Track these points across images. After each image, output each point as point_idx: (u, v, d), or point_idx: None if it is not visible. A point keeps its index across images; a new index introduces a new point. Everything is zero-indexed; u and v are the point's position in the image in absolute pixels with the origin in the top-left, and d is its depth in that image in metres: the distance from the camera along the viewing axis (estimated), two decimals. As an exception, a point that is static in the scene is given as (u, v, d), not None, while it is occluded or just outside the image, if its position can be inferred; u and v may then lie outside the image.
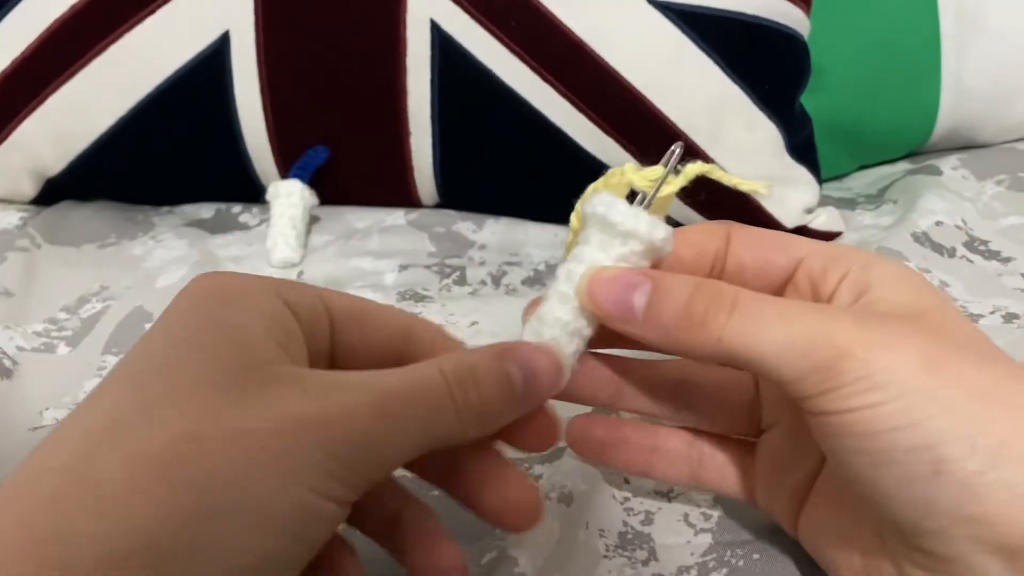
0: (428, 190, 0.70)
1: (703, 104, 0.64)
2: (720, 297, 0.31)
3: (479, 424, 0.31)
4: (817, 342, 0.29)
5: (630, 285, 0.32)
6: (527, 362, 0.32)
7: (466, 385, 0.30)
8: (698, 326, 0.31)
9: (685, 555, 0.38)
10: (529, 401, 0.32)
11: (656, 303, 0.32)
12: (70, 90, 0.67)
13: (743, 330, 0.30)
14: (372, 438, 0.28)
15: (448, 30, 0.63)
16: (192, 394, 0.26)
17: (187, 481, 0.25)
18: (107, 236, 0.68)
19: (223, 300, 0.30)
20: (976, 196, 0.71)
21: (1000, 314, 0.55)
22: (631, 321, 0.32)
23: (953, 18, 0.76)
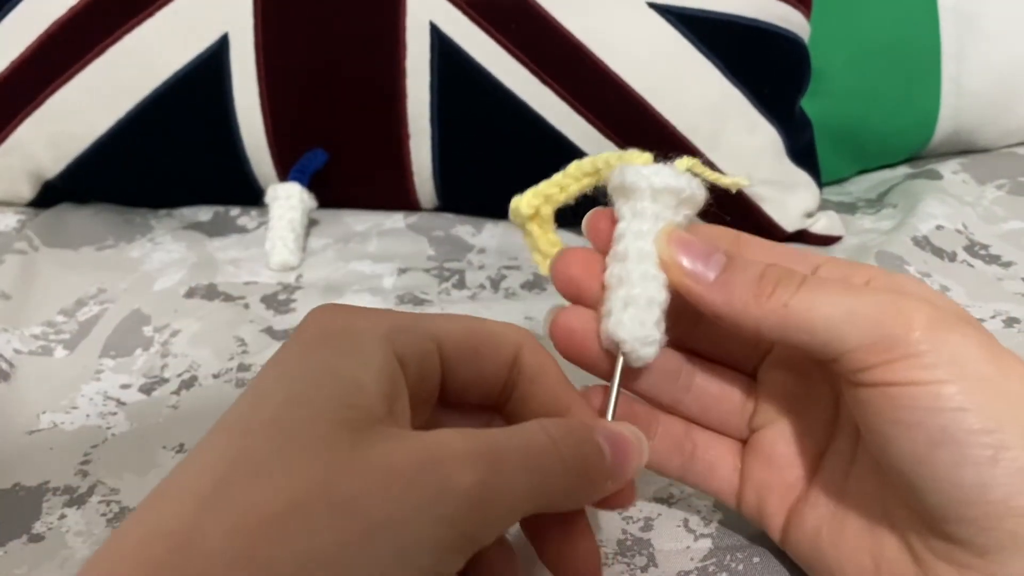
0: (427, 193, 0.70)
1: (703, 107, 0.64)
2: (791, 274, 0.32)
3: (574, 495, 0.30)
4: (887, 312, 0.29)
5: (707, 252, 0.33)
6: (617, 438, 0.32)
7: (568, 442, 0.30)
8: (767, 295, 0.31)
9: (684, 560, 0.38)
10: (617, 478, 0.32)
11: (731, 272, 0.32)
12: (68, 92, 0.66)
13: (812, 299, 0.31)
14: (483, 500, 0.26)
15: (448, 33, 0.63)
16: (302, 455, 0.25)
17: (291, 557, 0.24)
18: (105, 239, 0.68)
19: (336, 347, 0.29)
20: (976, 200, 0.71)
21: (1001, 318, 0.55)
22: (703, 282, 0.33)
23: (953, 23, 0.76)
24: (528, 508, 0.28)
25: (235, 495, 0.24)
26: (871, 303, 0.30)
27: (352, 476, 0.25)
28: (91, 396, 0.50)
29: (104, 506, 0.42)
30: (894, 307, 0.29)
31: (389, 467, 0.26)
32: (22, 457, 0.45)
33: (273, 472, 0.25)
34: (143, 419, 0.48)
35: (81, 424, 0.48)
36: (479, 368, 0.33)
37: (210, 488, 0.25)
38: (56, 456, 0.45)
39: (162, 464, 0.45)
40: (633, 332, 0.34)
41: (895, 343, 0.29)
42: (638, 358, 0.34)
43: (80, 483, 0.44)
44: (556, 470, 0.29)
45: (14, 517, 0.41)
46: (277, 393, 0.28)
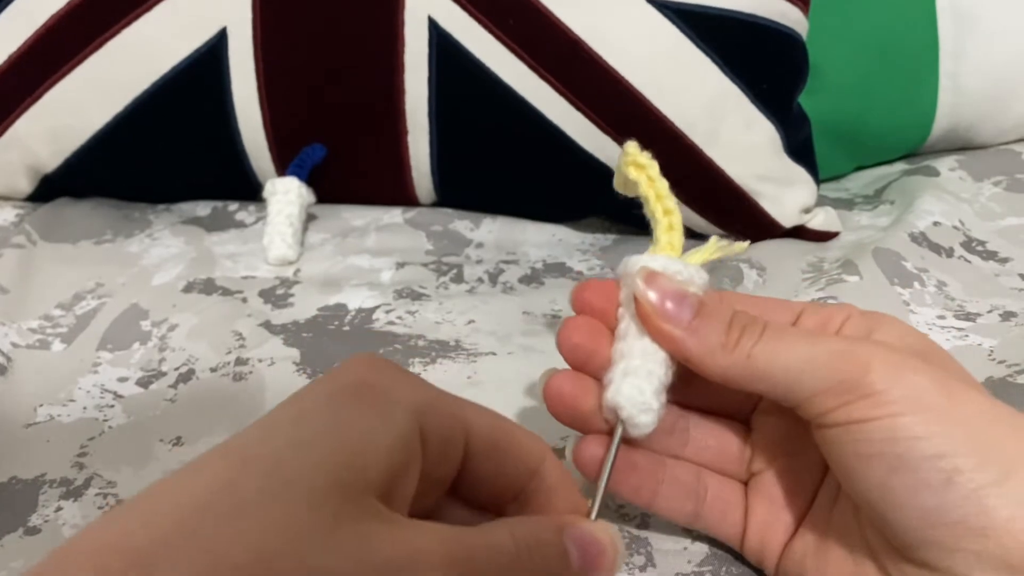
0: (425, 189, 0.70)
1: (701, 103, 0.64)
2: (755, 322, 0.33)
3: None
4: (843, 357, 0.31)
5: (681, 295, 0.34)
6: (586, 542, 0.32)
7: (532, 552, 0.30)
8: (732, 344, 0.33)
9: (682, 562, 0.38)
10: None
11: (701, 318, 0.34)
12: (66, 86, 0.66)
13: (773, 348, 0.33)
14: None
15: (446, 28, 0.63)
16: (284, 510, 0.25)
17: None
18: (103, 233, 0.68)
19: (362, 404, 0.28)
20: (973, 197, 0.71)
21: (998, 313, 0.55)
22: (678, 324, 0.34)
23: (951, 20, 0.76)
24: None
25: (208, 531, 0.24)
26: (828, 351, 0.32)
27: (325, 553, 0.25)
28: (88, 389, 0.50)
29: (101, 499, 0.42)
30: (850, 353, 0.31)
31: (363, 558, 0.25)
32: (19, 450, 0.46)
33: (251, 519, 0.24)
34: (140, 412, 0.48)
35: (78, 417, 0.48)
36: (498, 467, 0.32)
37: (188, 514, 0.24)
38: (53, 449, 0.46)
39: (159, 457, 0.45)
40: (631, 398, 0.34)
41: (852, 386, 0.31)
42: (635, 425, 0.35)
43: (77, 476, 0.44)
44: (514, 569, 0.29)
45: (11, 510, 0.42)
46: (286, 432, 0.27)
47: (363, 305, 0.58)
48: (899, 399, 0.30)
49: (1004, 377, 0.48)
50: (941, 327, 0.54)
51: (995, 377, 0.49)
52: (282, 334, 0.55)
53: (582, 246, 0.68)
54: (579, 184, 0.67)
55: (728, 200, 0.65)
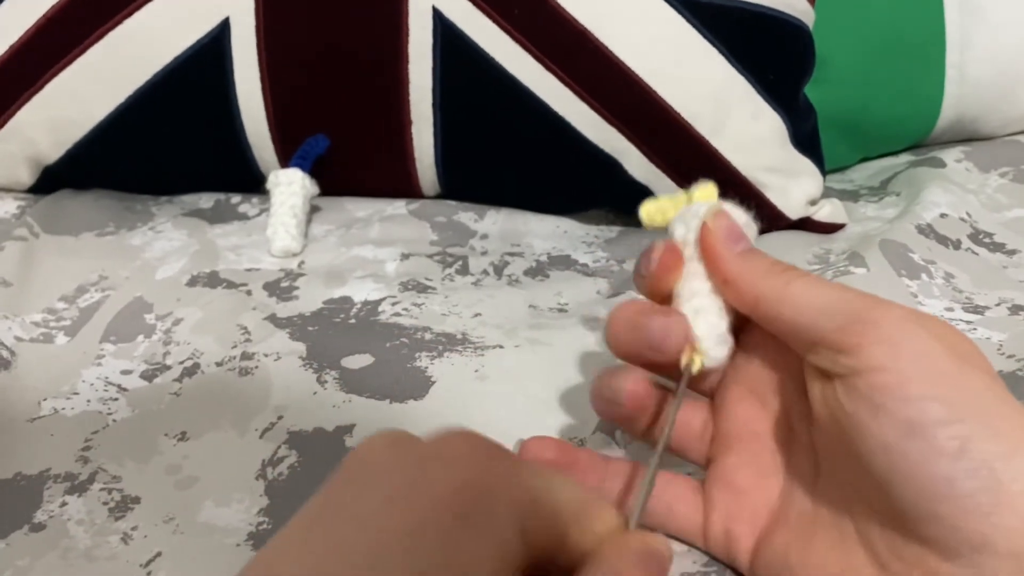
0: (429, 180, 0.70)
1: (707, 93, 0.63)
2: (798, 267, 0.36)
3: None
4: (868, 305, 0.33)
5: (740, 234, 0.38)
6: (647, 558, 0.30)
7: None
8: (778, 272, 0.36)
9: (687, 563, 0.38)
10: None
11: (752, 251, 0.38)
12: (68, 77, 0.66)
13: (811, 285, 0.35)
14: None
15: (451, 18, 0.63)
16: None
17: None
18: (106, 225, 0.67)
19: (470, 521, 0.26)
20: (980, 188, 0.71)
21: (1006, 306, 0.55)
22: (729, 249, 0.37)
23: (957, 10, 0.76)
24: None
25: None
26: (855, 298, 0.33)
27: None
28: (92, 382, 0.50)
29: (105, 494, 0.42)
30: (874, 302, 0.33)
31: None
32: (23, 445, 0.45)
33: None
34: (144, 406, 0.48)
35: (82, 410, 0.48)
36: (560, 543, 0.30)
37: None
38: (57, 443, 0.45)
39: (163, 451, 0.45)
40: (708, 332, 0.38)
41: (869, 328, 0.31)
42: (712, 358, 0.37)
43: (81, 470, 0.43)
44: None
45: (15, 506, 0.41)
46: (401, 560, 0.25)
47: (369, 297, 0.58)
48: (911, 354, 0.30)
49: (1014, 371, 0.48)
50: (949, 319, 0.54)
51: (1005, 371, 0.48)
52: (288, 327, 0.54)
53: (587, 238, 0.68)
54: (584, 175, 0.67)
55: (733, 191, 0.65)
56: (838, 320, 0.32)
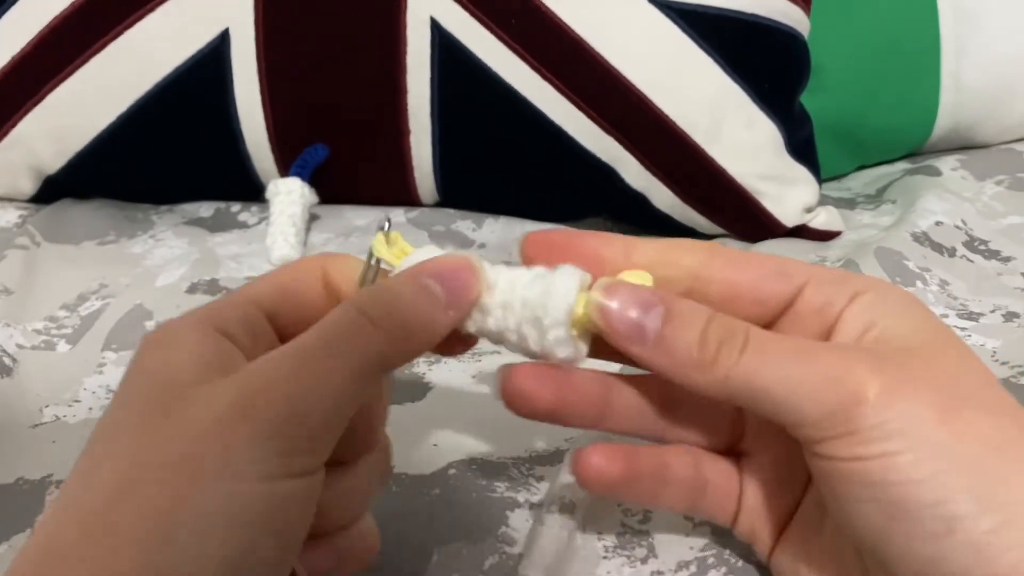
0: (428, 189, 0.70)
1: (703, 102, 0.64)
2: (733, 333, 0.30)
3: (412, 341, 0.30)
4: (830, 384, 0.28)
5: (646, 304, 0.30)
6: (437, 269, 0.32)
7: (384, 304, 0.30)
8: (709, 363, 0.30)
9: (684, 549, 0.38)
10: (456, 304, 0.32)
11: (670, 331, 0.30)
12: (69, 87, 0.66)
13: (755, 367, 0.29)
14: (302, 399, 0.27)
15: (448, 28, 0.63)
16: (120, 445, 0.27)
17: (127, 523, 0.25)
18: (106, 234, 0.68)
19: (151, 350, 0.30)
20: (975, 196, 0.72)
21: (1000, 313, 0.55)
22: (641, 344, 0.30)
23: (952, 19, 0.76)
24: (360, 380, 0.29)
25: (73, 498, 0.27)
26: (813, 373, 0.29)
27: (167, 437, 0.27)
28: (93, 390, 0.50)
29: (107, 499, 0.42)
30: (837, 379, 0.28)
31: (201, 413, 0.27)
32: (25, 451, 0.46)
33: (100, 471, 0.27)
34: (145, 413, 0.48)
35: (84, 418, 0.48)
36: (300, 305, 0.33)
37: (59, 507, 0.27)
38: (59, 450, 0.46)
39: (165, 458, 0.45)
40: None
41: (840, 420, 0.28)
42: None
43: (83, 477, 0.44)
44: (373, 337, 0.29)
45: (18, 511, 0.42)
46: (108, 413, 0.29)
47: (367, 305, 0.58)
48: (892, 434, 0.28)
49: (1008, 378, 0.49)
50: (944, 326, 0.54)
51: (999, 378, 0.48)
52: (286, 335, 0.55)
53: (584, 246, 0.68)
54: (581, 184, 0.67)
55: (730, 199, 0.65)
56: (803, 413, 0.29)
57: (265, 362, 0.28)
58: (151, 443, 0.27)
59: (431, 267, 0.32)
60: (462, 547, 0.38)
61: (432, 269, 0.32)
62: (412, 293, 0.31)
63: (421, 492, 0.41)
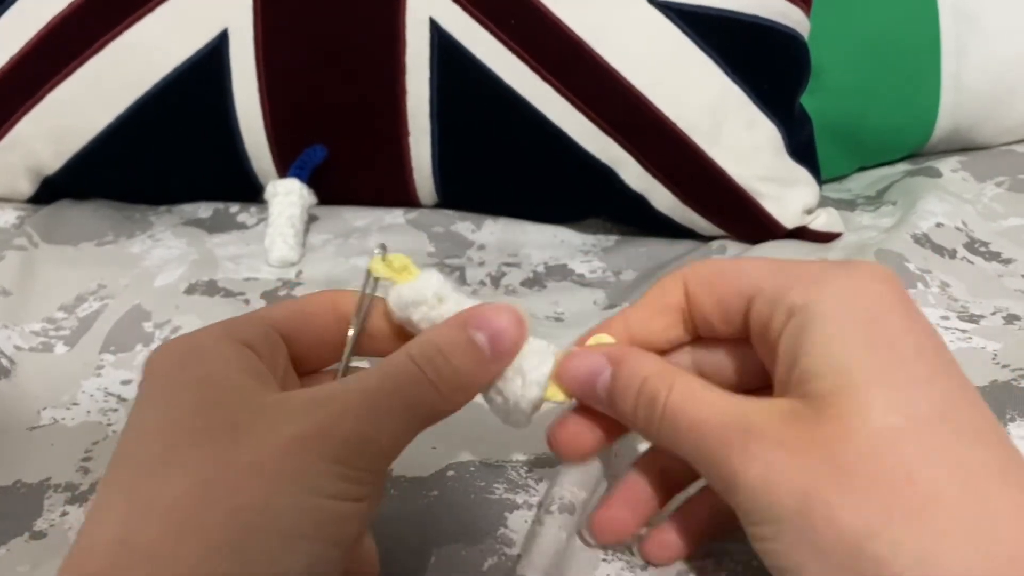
0: (427, 190, 0.70)
1: (703, 103, 0.64)
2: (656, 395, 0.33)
3: (461, 391, 0.33)
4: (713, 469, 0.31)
5: (594, 371, 0.35)
6: (488, 324, 0.33)
7: (436, 363, 0.32)
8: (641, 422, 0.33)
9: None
10: (501, 358, 0.34)
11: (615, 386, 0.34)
12: (68, 88, 0.66)
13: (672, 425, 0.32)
14: (366, 434, 0.29)
15: (448, 29, 0.63)
16: (190, 448, 0.28)
17: (220, 518, 0.26)
18: (105, 235, 0.67)
19: (187, 360, 0.31)
20: (976, 198, 0.71)
21: (1001, 315, 0.55)
22: (596, 402, 0.35)
23: (953, 20, 0.76)
24: (413, 422, 0.31)
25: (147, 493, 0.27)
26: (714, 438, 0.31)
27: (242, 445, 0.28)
28: (92, 392, 0.50)
29: (105, 502, 0.42)
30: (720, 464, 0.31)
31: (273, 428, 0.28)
32: (23, 453, 0.45)
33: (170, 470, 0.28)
34: (144, 415, 0.48)
35: (82, 420, 0.48)
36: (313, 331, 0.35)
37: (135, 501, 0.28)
38: (57, 452, 0.46)
39: (163, 460, 0.45)
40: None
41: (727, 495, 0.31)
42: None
43: (82, 480, 0.44)
44: (428, 391, 0.31)
45: (16, 514, 0.41)
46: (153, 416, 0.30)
47: (366, 307, 0.58)
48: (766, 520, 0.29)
49: (1008, 381, 0.48)
50: (945, 328, 0.54)
51: (999, 381, 0.49)
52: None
53: (584, 247, 0.68)
54: (580, 185, 0.67)
55: (730, 201, 0.65)
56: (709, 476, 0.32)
57: (332, 395, 0.30)
58: (229, 450, 0.28)
59: (481, 319, 0.33)
60: (461, 548, 0.38)
61: (482, 321, 0.33)
62: (463, 350, 0.32)
63: (420, 494, 0.41)
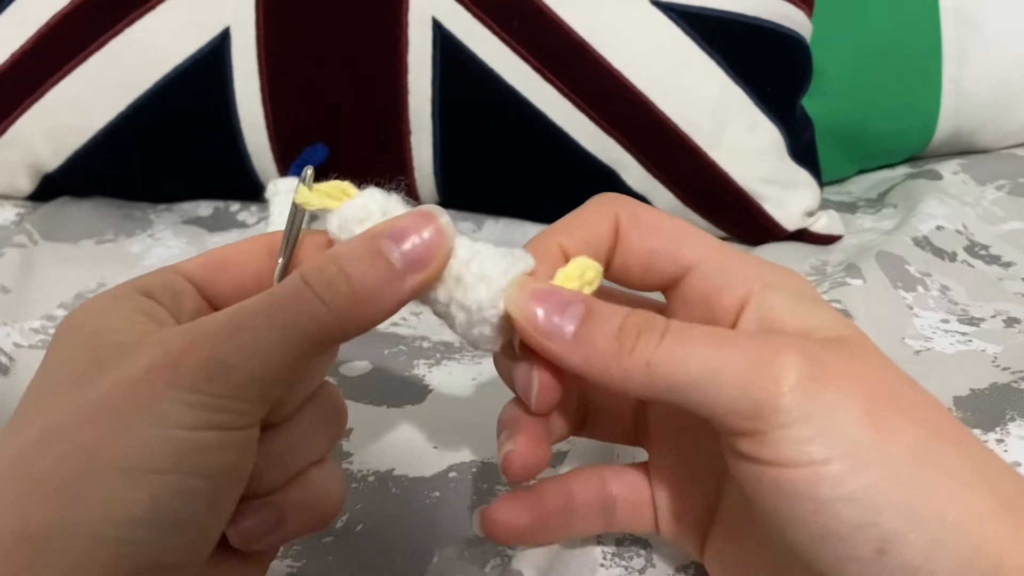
0: (428, 189, 0.70)
1: (705, 105, 0.64)
2: (652, 325, 0.29)
3: (359, 307, 0.28)
4: (752, 369, 0.27)
5: (564, 303, 0.29)
6: (402, 233, 0.29)
7: (328, 275, 0.28)
8: (627, 352, 0.28)
9: (681, 555, 0.38)
10: (416, 269, 0.29)
11: (589, 325, 0.29)
12: (68, 85, 0.66)
13: (674, 353, 0.28)
14: (227, 359, 0.27)
15: (450, 28, 0.63)
16: (51, 396, 0.28)
17: (50, 463, 0.26)
18: (104, 233, 0.67)
19: (82, 318, 0.30)
20: (976, 201, 0.72)
21: (1001, 318, 0.55)
22: (558, 341, 0.29)
23: (954, 24, 0.76)
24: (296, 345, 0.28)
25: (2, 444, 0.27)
26: (738, 359, 0.27)
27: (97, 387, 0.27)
28: (91, 390, 0.50)
29: (105, 500, 0.42)
30: (762, 363, 0.27)
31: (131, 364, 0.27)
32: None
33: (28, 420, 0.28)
34: (143, 413, 0.48)
35: (81, 418, 0.48)
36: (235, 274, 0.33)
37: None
38: (56, 450, 0.45)
39: (163, 458, 0.45)
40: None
41: (763, 410, 0.26)
42: None
43: (81, 477, 0.43)
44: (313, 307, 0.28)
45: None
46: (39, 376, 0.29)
47: (366, 306, 0.58)
48: (818, 434, 0.26)
49: (1008, 383, 0.48)
50: (945, 331, 0.54)
51: (999, 383, 0.49)
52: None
53: (585, 248, 0.68)
54: (582, 186, 0.67)
55: (731, 203, 0.65)
56: (724, 400, 0.27)
57: (197, 323, 0.28)
58: (79, 394, 0.27)
59: (390, 227, 0.29)
60: (463, 549, 0.38)
61: (391, 230, 0.29)
62: (365, 262, 0.28)
63: (421, 494, 0.41)
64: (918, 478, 0.26)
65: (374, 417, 0.47)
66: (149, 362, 0.27)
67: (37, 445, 0.26)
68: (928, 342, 0.53)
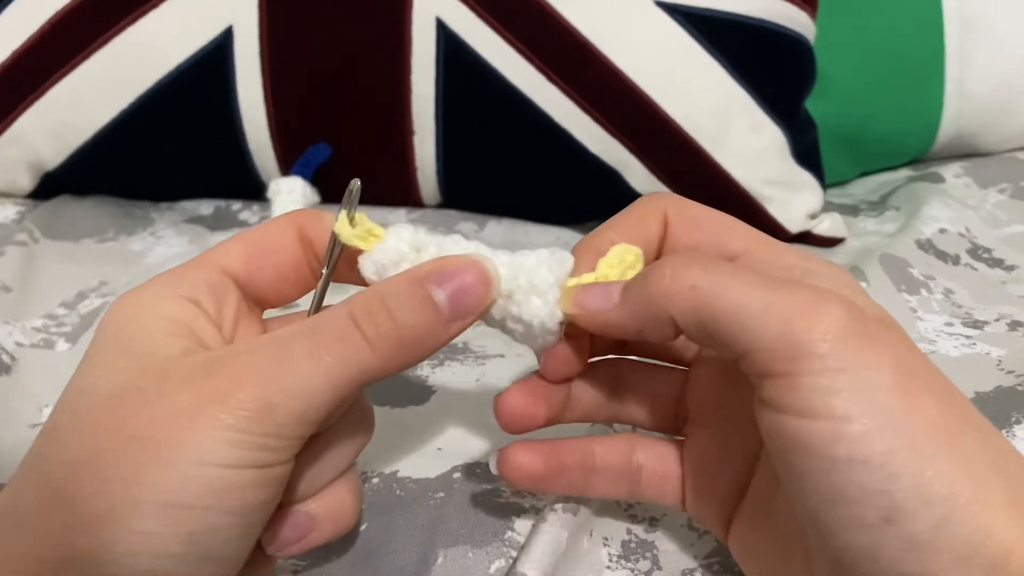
0: (431, 189, 0.70)
1: (708, 106, 0.64)
2: (705, 256, 0.30)
3: (403, 351, 0.29)
4: (800, 311, 0.27)
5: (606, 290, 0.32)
6: (451, 279, 0.30)
7: (378, 318, 0.29)
8: (671, 275, 0.29)
9: (688, 559, 0.38)
10: (461, 317, 0.30)
11: (629, 285, 0.31)
12: (70, 83, 0.66)
13: (721, 281, 0.28)
14: (270, 400, 0.27)
15: (454, 28, 0.63)
16: (92, 411, 0.28)
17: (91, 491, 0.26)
18: (106, 231, 0.67)
19: (121, 320, 0.30)
20: (979, 204, 0.72)
21: (1005, 322, 0.55)
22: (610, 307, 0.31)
23: (957, 27, 0.76)
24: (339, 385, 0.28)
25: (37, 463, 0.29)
26: (786, 299, 0.27)
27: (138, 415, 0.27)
28: (93, 389, 0.50)
29: (107, 500, 0.42)
30: (809, 307, 0.27)
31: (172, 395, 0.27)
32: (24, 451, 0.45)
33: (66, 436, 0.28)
34: (146, 413, 0.48)
35: (83, 417, 0.48)
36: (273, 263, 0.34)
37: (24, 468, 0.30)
38: (58, 449, 0.45)
39: (165, 458, 0.45)
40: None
41: (800, 352, 0.26)
42: None
43: (83, 477, 0.43)
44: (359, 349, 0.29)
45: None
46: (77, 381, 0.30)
47: (369, 306, 0.58)
48: (848, 389, 0.26)
49: (1014, 386, 0.48)
50: (949, 334, 0.54)
51: (1004, 386, 0.48)
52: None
53: (587, 249, 0.68)
54: (585, 187, 0.67)
55: (734, 204, 0.65)
56: (764, 334, 0.27)
57: (246, 353, 0.28)
58: (119, 417, 0.27)
59: (439, 272, 0.30)
60: (468, 550, 0.38)
61: (440, 275, 0.30)
62: (414, 307, 0.29)
63: (426, 496, 0.41)
64: (937, 455, 0.26)
65: (378, 418, 0.46)
66: (196, 396, 0.27)
67: (79, 467, 0.27)
68: (932, 345, 0.53)
